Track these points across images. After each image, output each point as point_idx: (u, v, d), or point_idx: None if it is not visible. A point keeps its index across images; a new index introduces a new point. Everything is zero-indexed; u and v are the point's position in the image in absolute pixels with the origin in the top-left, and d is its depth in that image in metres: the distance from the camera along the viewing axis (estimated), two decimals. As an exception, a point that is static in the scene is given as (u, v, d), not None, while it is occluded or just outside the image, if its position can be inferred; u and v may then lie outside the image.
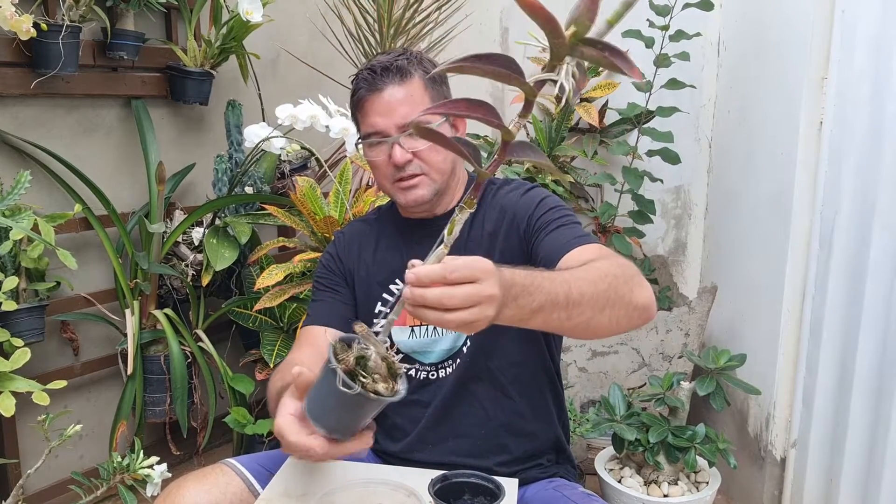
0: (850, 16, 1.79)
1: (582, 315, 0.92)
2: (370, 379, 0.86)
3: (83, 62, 2.00)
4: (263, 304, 1.97)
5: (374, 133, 1.23)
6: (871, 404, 1.79)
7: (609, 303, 0.95)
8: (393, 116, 1.21)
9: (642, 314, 1.01)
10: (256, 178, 2.25)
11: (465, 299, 0.78)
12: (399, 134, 1.21)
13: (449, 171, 1.27)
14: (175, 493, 1.15)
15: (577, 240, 1.15)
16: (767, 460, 2.08)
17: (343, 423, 0.90)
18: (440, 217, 1.30)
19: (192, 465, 2.35)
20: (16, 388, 1.54)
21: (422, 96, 1.23)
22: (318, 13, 2.57)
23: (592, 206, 2.73)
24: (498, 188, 1.31)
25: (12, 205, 1.78)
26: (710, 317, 2.39)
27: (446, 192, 1.29)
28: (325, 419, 0.90)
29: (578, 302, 0.91)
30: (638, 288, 1.00)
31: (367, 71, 1.23)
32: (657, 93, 2.43)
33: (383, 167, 1.25)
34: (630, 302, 0.98)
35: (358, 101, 1.25)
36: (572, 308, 0.90)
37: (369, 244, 1.36)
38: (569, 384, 2.35)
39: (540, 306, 0.87)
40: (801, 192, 1.95)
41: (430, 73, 1.24)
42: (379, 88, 1.21)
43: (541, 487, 1.28)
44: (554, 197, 1.26)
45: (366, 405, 0.87)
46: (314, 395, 0.91)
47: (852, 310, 1.82)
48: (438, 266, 0.78)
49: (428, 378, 1.28)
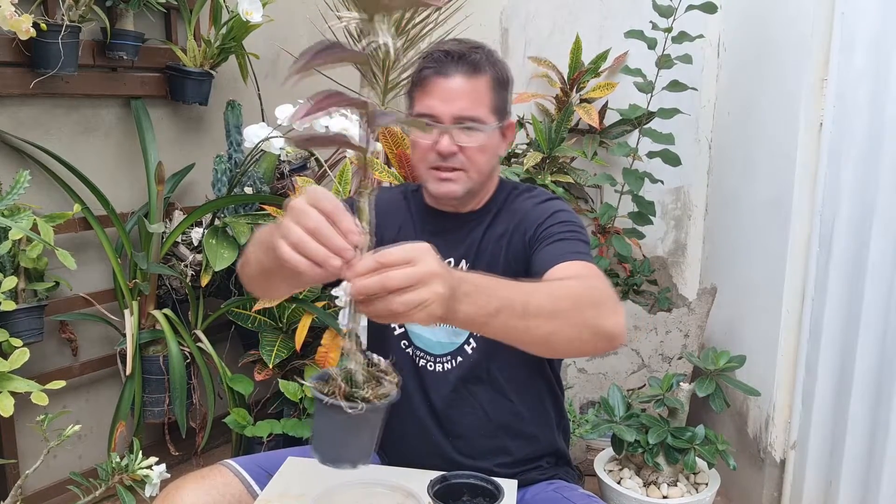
0: (850, 17, 1.79)
1: (539, 329, 0.91)
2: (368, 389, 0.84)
3: (83, 62, 2.00)
4: (262, 305, 1.98)
5: (428, 115, 1.21)
6: (871, 406, 1.79)
7: (570, 322, 0.93)
8: (452, 105, 1.19)
9: (610, 341, 0.98)
10: (256, 178, 2.25)
11: (405, 279, 0.76)
12: (452, 124, 1.20)
13: (488, 172, 1.26)
14: (173, 495, 1.15)
15: (570, 255, 1.14)
16: (767, 462, 2.08)
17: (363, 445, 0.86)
18: (464, 214, 1.29)
19: (190, 465, 2.35)
20: (14, 388, 1.54)
21: (484, 95, 1.21)
22: (317, 13, 2.56)
23: (592, 207, 2.73)
24: (518, 193, 1.30)
25: (11, 204, 1.78)
26: (710, 318, 2.39)
27: (478, 193, 1.28)
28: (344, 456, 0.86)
29: (536, 314, 0.90)
30: (607, 314, 0.97)
31: (440, 52, 1.22)
32: (658, 94, 2.43)
33: (425, 151, 1.23)
34: (595, 326, 0.96)
35: (422, 78, 1.23)
36: (530, 319, 0.89)
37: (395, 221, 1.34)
38: (568, 385, 2.34)
39: (497, 310, 0.86)
40: (801, 194, 1.95)
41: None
42: (447, 74, 1.20)
43: (540, 489, 1.28)
44: (570, 213, 1.24)
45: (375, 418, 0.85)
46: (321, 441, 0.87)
47: (852, 311, 1.82)
48: (370, 256, 0.77)
49: (426, 368, 1.28)
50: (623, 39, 2.46)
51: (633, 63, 2.53)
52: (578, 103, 2.55)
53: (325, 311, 2.08)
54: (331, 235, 0.77)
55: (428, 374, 1.28)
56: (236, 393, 2.20)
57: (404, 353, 1.29)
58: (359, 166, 0.78)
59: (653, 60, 2.42)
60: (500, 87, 1.24)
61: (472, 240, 1.27)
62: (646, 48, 2.40)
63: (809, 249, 1.94)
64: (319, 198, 0.79)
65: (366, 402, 0.82)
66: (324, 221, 0.78)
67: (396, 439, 1.33)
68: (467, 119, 1.20)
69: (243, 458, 1.26)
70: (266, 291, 1.22)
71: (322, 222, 0.78)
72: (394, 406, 1.30)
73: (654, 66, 2.42)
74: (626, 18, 2.54)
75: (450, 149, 1.20)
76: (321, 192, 0.80)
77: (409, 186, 1.40)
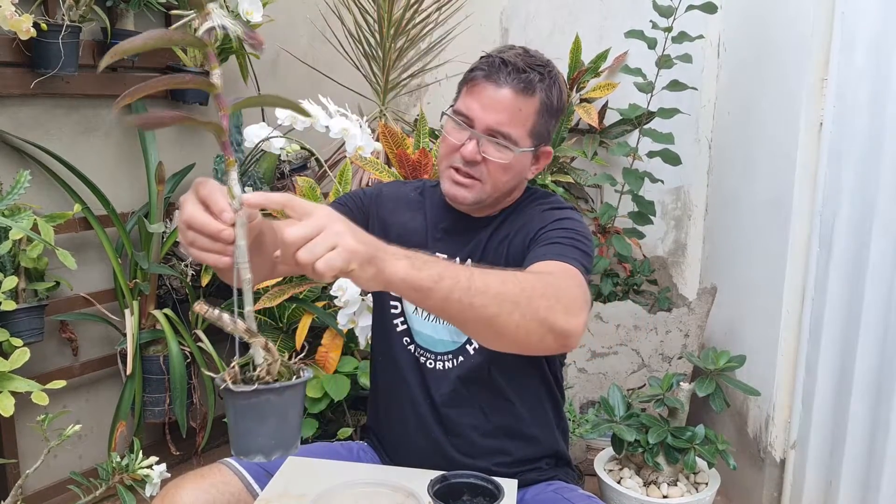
0: (850, 17, 1.79)
1: (485, 309, 0.91)
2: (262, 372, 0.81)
3: (83, 62, 2.00)
4: (263, 305, 1.97)
5: (464, 116, 1.19)
6: (871, 405, 1.79)
7: (518, 308, 0.92)
8: (489, 115, 1.17)
9: (559, 339, 0.97)
10: (256, 178, 2.25)
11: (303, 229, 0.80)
12: (484, 133, 1.18)
13: (505, 190, 1.24)
14: (173, 493, 1.15)
15: (553, 256, 1.12)
16: (767, 461, 2.08)
17: (273, 433, 0.82)
18: (477, 220, 1.28)
19: (191, 465, 2.35)
20: (15, 387, 1.54)
21: (527, 117, 1.18)
22: (318, 13, 2.57)
23: (592, 206, 2.73)
24: (532, 200, 1.29)
25: (12, 204, 1.78)
26: (710, 318, 2.39)
27: (491, 205, 1.26)
28: (252, 445, 0.82)
29: (482, 291, 0.90)
30: (561, 311, 0.96)
31: (499, 59, 1.18)
32: (658, 94, 2.43)
33: (451, 148, 1.21)
34: (545, 319, 0.94)
35: (472, 79, 1.20)
36: (475, 296, 0.90)
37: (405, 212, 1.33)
38: (568, 385, 2.35)
39: (440, 276, 0.88)
40: (801, 193, 1.95)
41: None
42: (498, 82, 1.17)
43: (540, 490, 1.28)
44: (576, 221, 1.22)
45: (278, 401, 0.81)
46: (232, 433, 0.83)
47: (852, 311, 1.82)
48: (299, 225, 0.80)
49: (427, 365, 1.28)
50: (623, 39, 2.46)
51: (633, 63, 2.53)
52: (578, 103, 2.55)
53: (325, 311, 2.08)
54: (206, 222, 0.80)
55: (429, 371, 1.28)
56: (236, 393, 2.20)
57: (406, 349, 1.30)
58: (220, 144, 0.79)
59: (653, 60, 2.42)
60: (547, 113, 1.21)
61: (479, 240, 1.27)
62: (646, 48, 2.40)
63: (809, 249, 1.94)
64: (194, 188, 0.82)
65: (259, 381, 0.80)
66: (198, 210, 0.81)
67: (398, 435, 1.33)
68: (500, 134, 1.17)
69: (243, 457, 1.26)
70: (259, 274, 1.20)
71: (194, 212, 0.81)
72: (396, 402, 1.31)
73: (654, 65, 2.42)
74: (626, 18, 2.54)
75: (473, 156, 1.18)
76: (197, 182, 0.83)
77: (428, 182, 1.39)
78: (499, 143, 1.18)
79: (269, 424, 0.81)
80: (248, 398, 0.79)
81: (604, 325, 2.33)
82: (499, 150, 1.18)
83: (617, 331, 2.33)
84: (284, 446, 0.83)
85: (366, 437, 1.43)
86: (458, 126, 1.20)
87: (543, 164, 1.28)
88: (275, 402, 0.81)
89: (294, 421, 0.84)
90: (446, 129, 1.23)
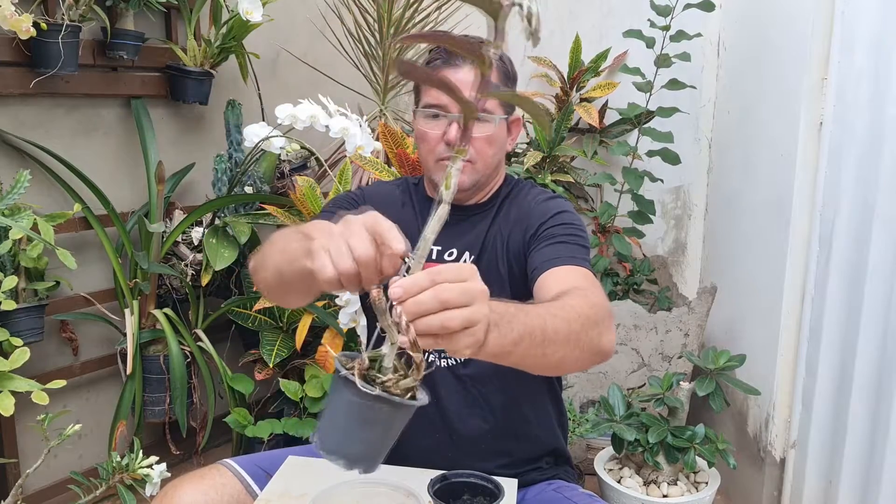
0: (850, 16, 1.79)
1: (556, 354, 0.88)
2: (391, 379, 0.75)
3: (83, 62, 2.00)
4: (263, 304, 1.98)
5: (436, 106, 1.21)
6: (871, 405, 1.79)
7: (579, 345, 0.92)
8: None
9: (602, 358, 0.98)
10: (256, 177, 2.25)
11: (461, 293, 0.72)
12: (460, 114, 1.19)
13: (495, 165, 1.26)
14: (172, 495, 1.15)
15: (568, 259, 1.13)
16: (767, 461, 2.08)
17: (369, 444, 0.77)
18: (469, 207, 1.29)
19: (191, 464, 2.35)
20: (15, 387, 1.54)
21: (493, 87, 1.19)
22: (318, 13, 2.57)
23: (592, 206, 2.73)
24: (521, 189, 1.30)
25: (12, 204, 1.78)
26: (710, 317, 2.39)
27: (484, 186, 1.28)
28: (345, 448, 0.76)
29: (553, 340, 0.87)
30: (606, 332, 0.96)
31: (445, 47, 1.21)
32: (657, 93, 2.43)
33: (433, 142, 1.22)
34: (597, 346, 0.95)
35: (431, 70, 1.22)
36: (548, 346, 0.87)
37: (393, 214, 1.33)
38: (568, 384, 2.35)
39: (520, 337, 0.82)
40: (801, 193, 1.95)
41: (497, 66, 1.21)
42: (456, 65, 1.20)
43: (540, 490, 1.28)
44: (572, 214, 1.23)
45: (390, 416, 0.75)
46: (327, 424, 0.78)
47: (852, 310, 1.82)
48: (423, 273, 0.73)
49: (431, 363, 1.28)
50: (623, 39, 2.46)
51: (633, 62, 2.53)
52: (578, 102, 2.55)
53: (326, 311, 2.08)
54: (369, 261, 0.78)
55: (431, 366, 1.28)
56: (237, 392, 2.20)
57: None
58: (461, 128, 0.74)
59: (652, 59, 2.42)
60: (506, 81, 1.24)
61: (477, 234, 1.27)
62: (645, 47, 2.40)
63: (809, 248, 1.94)
64: (376, 220, 0.81)
65: (383, 387, 0.74)
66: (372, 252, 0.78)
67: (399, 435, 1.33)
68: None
69: (242, 457, 1.26)
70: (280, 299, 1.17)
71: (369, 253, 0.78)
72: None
73: (653, 65, 2.42)
74: (626, 18, 2.54)
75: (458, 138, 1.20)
76: (378, 219, 0.81)
77: (410, 179, 1.40)
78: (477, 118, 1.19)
79: (370, 434, 0.76)
80: (364, 397, 0.73)
81: (604, 324, 2.32)
82: (479, 124, 1.20)
83: (617, 330, 2.33)
84: (370, 462, 0.78)
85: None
86: (434, 119, 1.22)
87: (517, 134, 1.31)
88: (385, 415, 0.75)
89: (390, 441, 0.78)
90: (421, 128, 1.24)
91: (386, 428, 0.76)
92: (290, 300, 1.14)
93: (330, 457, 0.76)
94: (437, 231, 0.77)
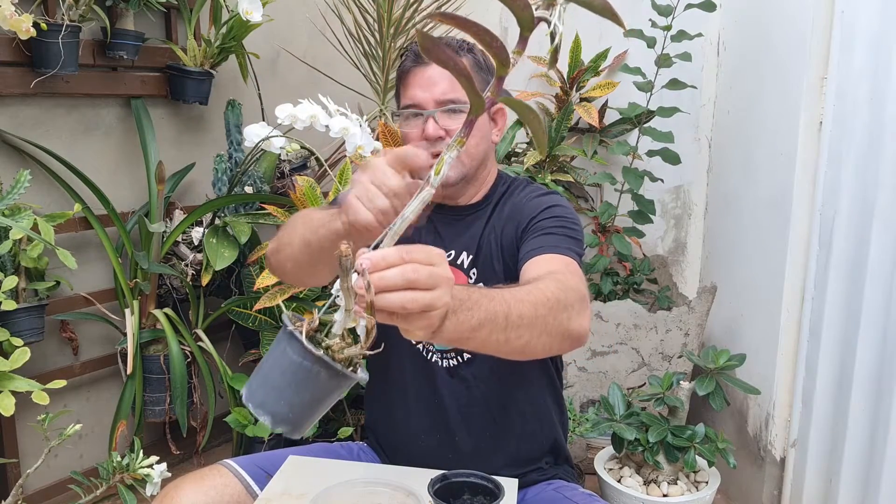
0: (849, 16, 1.79)
1: (520, 339, 0.88)
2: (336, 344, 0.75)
3: (83, 62, 2.00)
4: (263, 304, 1.98)
5: (412, 105, 1.23)
6: (871, 404, 1.79)
7: (547, 329, 0.92)
8: (433, 91, 1.20)
9: (574, 342, 0.98)
10: (256, 177, 2.25)
11: (428, 277, 0.73)
12: (436, 109, 1.20)
13: (480, 157, 1.26)
14: (172, 495, 1.15)
15: (551, 248, 1.13)
16: (767, 460, 2.08)
17: (298, 406, 0.75)
18: (463, 207, 1.29)
19: (191, 464, 2.35)
20: (15, 387, 1.54)
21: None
22: (318, 13, 2.57)
23: (592, 205, 2.73)
24: (516, 187, 1.31)
25: (12, 204, 1.78)
26: (710, 317, 2.39)
27: (474, 181, 1.28)
28: (270, 403, 0.75)
29: (517, 324, 0.87)
30: (577, 316, 0.96)
31: (413, 47, 1.25)
32: (657, 93, 2.43)
33: (416, 141, 1.23)
34: (566, 329, 0.95)
35: (402, 72, 1.25)
36: (511, 330, 0.87)
37: None
38: (568, 384, 2.35)
39: (479, 323, 0.82)
40: (801, 192, 1.95)
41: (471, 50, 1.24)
42: (425, 62, 1.21)
43: (540, 489, 1.28)
44: (565, 208, 1.23)
45: (325, 383, 0.74)
46: (259, 375, 0.77)
47: (852, 309, 1.82)
48: (394, 249, 0.74)
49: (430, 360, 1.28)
50: (623, 38, 2.46)
51: (633, 62, 2.53)
52: (578, 102, 2.55)
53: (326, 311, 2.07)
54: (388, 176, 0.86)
55: (433, 366, 1.28)
56: (237, 392, 2.20)
57: (412, 347, 1.29)
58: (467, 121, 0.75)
59: (652, 59, 2.42)
60: (480, 70, 1.24)
61: (473, 234, 1.27)
62: (645, 47, 2.40)
63: (809, 248, 1.94)
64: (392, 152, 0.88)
65: (327, 352, 0.74)
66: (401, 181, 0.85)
67: (399, 435, 1.33)
68: (449, 101, 1.20)
69: (242, 458, 1.26)
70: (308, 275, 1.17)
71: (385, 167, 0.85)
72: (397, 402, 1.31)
73: (653, 64, 2.42)
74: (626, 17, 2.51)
75: (436, 132, 1.20)
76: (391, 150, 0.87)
77: None
78: (453, 110, 1.20)
79: (300, 396, 0.75)
80: (305, 356, 0.72)
81: (604, 324, 2.33)
82: (454, 117, 1.20)
83: (617, 330, 2.33)
84: (294, 426, 0.77)
85: (365, 438, 1.44)
86: (412, 118, 1.23)
87: (503, 125, 1.31)
88: (322, 381, 0.74)
89: (319, 410, 0.78)
90: (403, 129, 1.26)
91: (317, 395, 0.75)
92: (318, 273, 1.14)
93: (256, 411, 0.76)
94: (418, 212, 0.77)
